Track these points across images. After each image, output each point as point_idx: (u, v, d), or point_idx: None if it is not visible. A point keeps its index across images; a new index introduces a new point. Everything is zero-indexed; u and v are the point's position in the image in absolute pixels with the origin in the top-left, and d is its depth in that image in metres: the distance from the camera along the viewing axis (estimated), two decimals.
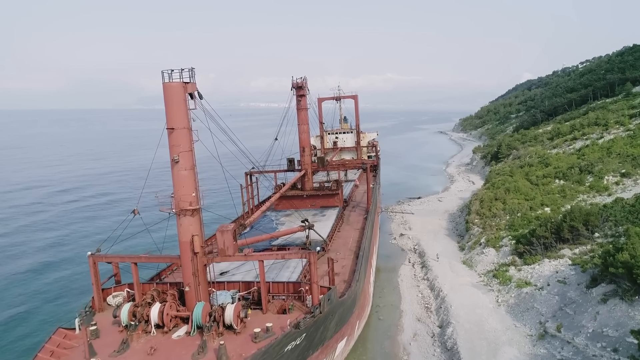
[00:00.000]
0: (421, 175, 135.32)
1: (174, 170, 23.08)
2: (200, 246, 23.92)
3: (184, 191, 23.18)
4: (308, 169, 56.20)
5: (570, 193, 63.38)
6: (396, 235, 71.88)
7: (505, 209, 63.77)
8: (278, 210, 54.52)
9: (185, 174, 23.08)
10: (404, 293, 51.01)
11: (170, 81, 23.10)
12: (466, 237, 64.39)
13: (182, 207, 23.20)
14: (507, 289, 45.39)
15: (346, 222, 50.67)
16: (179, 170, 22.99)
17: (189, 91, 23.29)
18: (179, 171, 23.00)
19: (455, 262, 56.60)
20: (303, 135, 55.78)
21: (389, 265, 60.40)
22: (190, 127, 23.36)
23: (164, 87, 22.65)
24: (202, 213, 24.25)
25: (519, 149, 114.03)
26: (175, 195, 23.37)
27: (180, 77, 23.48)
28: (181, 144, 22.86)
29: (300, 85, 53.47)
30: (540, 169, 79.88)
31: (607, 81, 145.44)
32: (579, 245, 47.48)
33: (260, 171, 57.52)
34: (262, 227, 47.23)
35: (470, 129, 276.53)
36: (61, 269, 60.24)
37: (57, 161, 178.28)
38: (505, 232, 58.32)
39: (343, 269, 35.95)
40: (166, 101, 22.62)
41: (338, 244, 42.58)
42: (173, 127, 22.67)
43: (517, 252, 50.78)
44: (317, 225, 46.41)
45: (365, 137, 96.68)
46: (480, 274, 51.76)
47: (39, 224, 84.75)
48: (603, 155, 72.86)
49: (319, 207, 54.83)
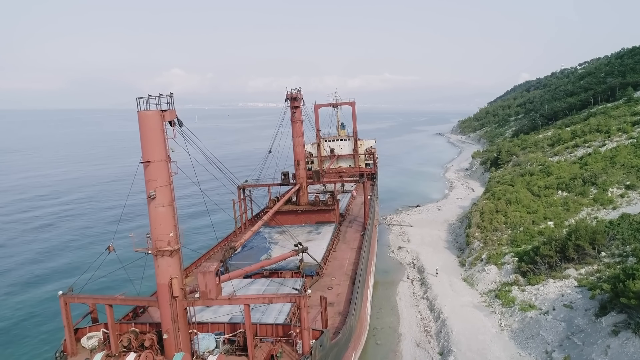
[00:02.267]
0: (419, 180, 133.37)
1: (150, 207, 21.00)
2: (180, 289, 21.85)
3: (161, 230, 21.12)
4: (303, 183, 54.16)
5: (573, 206, 61.46)
6: (394, 248, 69.85)
7: (506, 222, 61.82)
8: (272, 226, 52.43)
9: (163, 210, 21.01)
10: (403, 313, 48.98)
11: (147, 109, 20.99)
12: (466, 251, 62.43)
13: (159, 248, 21.14)
14: (510, 311, 43.41)
15: (342, 240, 48.62)
16: (156, 207, 20.91)
17: (167, 119, 21.20)
18: (155, 208, 20.92)
19: (456, 280, 54.64)
20: (298, 148, 53.73)
21: (387, 281, 58.39)
22: (168, 158, 21.26)
23: (139, 117, 20.57)
24: (181, 252, 22.15)
25: (519, 155, 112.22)
26: (152, 234, 21.31)
27: (157, 104, 21.38)
28: (158, 178, 20.78)
29: (294, 96, 51.46)
30: (541, 179, 77.98)
31: (608, 85, 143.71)
32: (585, 265, 45.56)
33: (254, 185, 55.66)
34: (254, 245, 45.15)
35: (468, 131, 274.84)
36: (27, 310, 50.87)
37: (38, 169, 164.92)
38: (507, 247, 56.39)
39: (338, 297, 33.93)
40: (141, 131, 20.54)
41: (333, 266, 40.54)
42: (149, 160, 20.57)
43: (520, 271, 48.83)
44: (312, 244, 44.48)
45: (362, 144, 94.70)
46: (481, 293, 49.79)
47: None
48: (607, 165, 70.96)
49: (314, 223, 52.78)
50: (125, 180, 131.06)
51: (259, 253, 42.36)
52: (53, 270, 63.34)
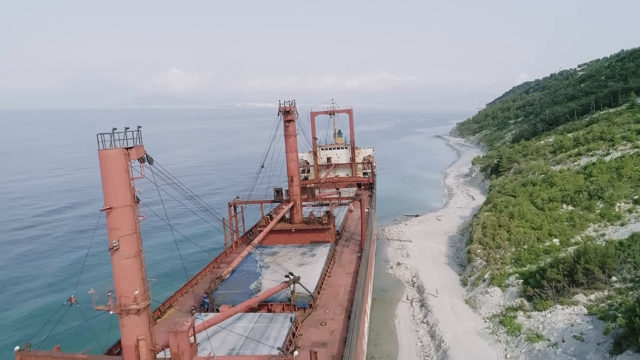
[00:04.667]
0: (419, 187, 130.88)
1: (113, 259, 18.34)
2: (148, 350, 19.19)
3: (126, 285, 18.48)
4: (297, 200, 51.53)
5: (579, 222, 58.97)
6: (393, 264, 67.26)
7: (510, 238, 59.27)
8: (264, 245, 49.76)
9: (128, 263, 18.36)
10: (402, 340, 46.40)
11: (112, 146, 18.30)
12: (468, 269, 59.85)
13: (124, 305, 18.49)
14: (516, 341, 40.83)
15: (338, 263, 45.96)
16: (120, 259, 18.25)
17: (133, 158, 18.53)
18: (119, 260, 18.25)
19: (457, 301, 52.03)
20: (291, 164, 51.10)
21: (385, 302, 55.81)
22: (134, 202, 18.58)
23: (99, 156, 17.89)
24: (149, 310, 19.45)
25: (520, 162, 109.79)
26: (116, 289, 18.65)
27: (123, 139, 18.69)
28: (122, 226, 18.12)
29: (288, 110, 48.83)
30: (545, 189, 75.52)
31: (610, 89, 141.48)
32: (595, 290, 43.03)
33: (245, 201, 53.01)
34: (244, 270, 42.45)
35: (467, 134, 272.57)
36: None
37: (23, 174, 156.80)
38: (511, 267, 53.86)
39: (332, 335, 31.29)
40: (102, 173, 17.86)
41: (328, 296, 37.88)
42: (111, 207, 17.89)
43: (525, 295, 46.26)
44: (305, 269, 41.85)
45: (360, 152, 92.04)
46: (485, 318, 47.20)
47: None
48: (613, 177, 68.46)
49: (308, 243, 50.13)
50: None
51: (248, 280, 39.70)
52: (9, 318, 53.05)
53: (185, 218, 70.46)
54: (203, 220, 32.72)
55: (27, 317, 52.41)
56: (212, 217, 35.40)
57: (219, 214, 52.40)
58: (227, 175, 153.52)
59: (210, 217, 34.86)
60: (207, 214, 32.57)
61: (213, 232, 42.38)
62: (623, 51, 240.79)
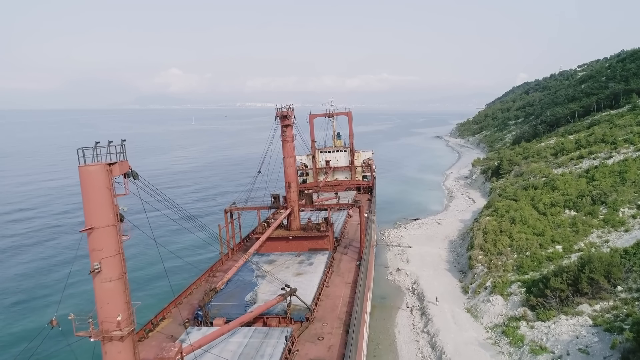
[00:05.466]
0: (418, 189, 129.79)
1: (95, 283, 17.21)
2: None
3: (108, 310, 17.35)
4: (295, 207, 50.37)
5: (582, 228, 57.87)
6: (393, 270, 66.14)
7: (512, 244, 58.17)
8: (261, 253, 48.66)
9: (110, 287, 17.23)
10: (402, 351, 45.32)
11: (94, 162, 17.16)
12: (469, 276, 58.74)
13: (106, 332, 17.37)
14: (519, 353, 39.75)
15: (336, 272, 44.81)
16: (102, 283, 17.11)
17: (116, 174, 17.40)
18: (101, 284, 17.12)
19: (459, 310, 50.93)
20: (289, 170, 49.96)
21: (385, 310, 54.74)
22: (118, 221, 17.44)
23: (80, 173, 16.76)
24: (134, 336, 18.32)
25: (521, 164, 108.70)
26: (98, 314, 17.54)
27: (107, 153, 17.57)
28: (104, 248, 16.99)
29: (285, 114, 47.67)
30: (546, 193, 74.42)
31: (611, 91, 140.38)
32: (600, 300, 41.95)
33: (242, 208, 51.91)
34: (239, 279, 41.29)
35: (467, 134, 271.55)
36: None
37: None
38: (513, 274, 52.78)
39: (330, 351, 30.17)
40: (83, 191, 16.73)
41: (325, 308, 36.74)
42: (92, 227, 16.76)
43: (528, 304, 45.18)
44: (303, 279, 40.75)
45: (359, 156, 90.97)
46: (487, 327, 46.10)
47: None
48: (616, 182, 67.35)
49: (306, 250, 48.99)
50: None
51: (244, 290, 38.54)
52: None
53: (177, 230, 68.04)
54: (197, 229, 31.62)
55: (3, 342, 45.59)
56: (206, 226, 34.38)
57: (214, 222, 51.29)
58: (224, 178, 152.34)
59: (205, 226, 33.84)
60: (200, 224, 31.50)
61: (209, 240, 41.21)
62: (623, 51, 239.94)
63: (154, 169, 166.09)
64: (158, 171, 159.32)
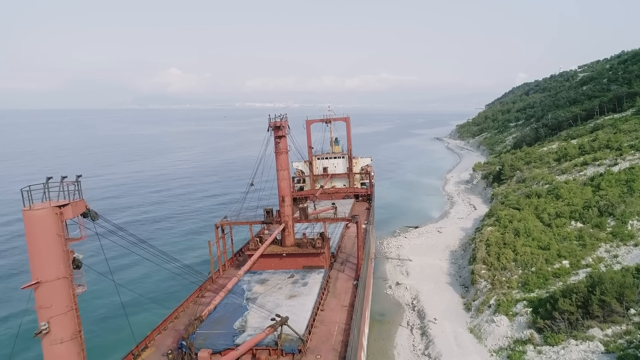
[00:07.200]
0: (418, 194, 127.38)
1: (43, 345, 14.72)
2: None
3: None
4: (289, 222, 47.88)
5: (590, 241, 55.46)
6: (392, 283, 63.68)
7: (516, 259, 55.74)
8: (253, 271, 46.16)
9: (62, 350, 14.71)
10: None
11: (43, 203, 14.65)
12: (472, 292, 56.30)
13: None
14: None
15: (332, 293, 42.33)
16: (51, 345, 14.61)
17: (69, 217, 14.89)
18: (51, 346, 14.62)
19: (461, 330, 48.48)
20: (282, 183, 47.44)
21: (384, 327, 52.34)
22: (70, 271, 14.94)
23: (24, 217, 14.25)
24: None
25: (523, 170, 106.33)
26: None
27: (59, 191, 15.06)
28: (53, 304, 14.49)
29: (278, 125, 45.18)
30: (550, 202, 72.05)
31: (614, 93, 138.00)
32: (612, 323, 39.52)
33: (233, 222, 49.48)
34: (228, 303, 38.78)
35: (467, 136, 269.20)
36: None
37: None
38: (519, 291, 50.34)
39: None
40: (27, 238, 14.21)
41: (320, 337, 34.27)
42: (38, 281, 14.26)
43: (535, 327, 42.74)
44: (295, 302, 38.30)
45: (358, 162, 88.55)
46: (491, 350, 43.66)
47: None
48: (623, 192, 64.95)
49: (301, 268, 46.53)
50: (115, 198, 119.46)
51: (232, 317, 36.05)
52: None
53: (153, 265, 65.52)
54: (172, 260, 29.09)
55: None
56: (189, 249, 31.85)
57: (197, 246, 48.14)
58: (221, 183, 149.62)
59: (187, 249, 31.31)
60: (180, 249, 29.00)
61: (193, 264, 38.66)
62: (624, 52, 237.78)
63: (144, 175, 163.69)
64: (147, 178, 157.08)
